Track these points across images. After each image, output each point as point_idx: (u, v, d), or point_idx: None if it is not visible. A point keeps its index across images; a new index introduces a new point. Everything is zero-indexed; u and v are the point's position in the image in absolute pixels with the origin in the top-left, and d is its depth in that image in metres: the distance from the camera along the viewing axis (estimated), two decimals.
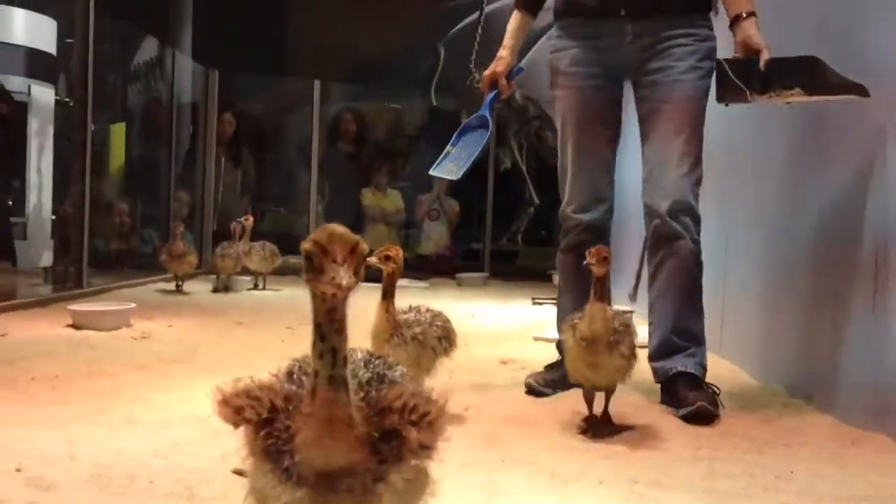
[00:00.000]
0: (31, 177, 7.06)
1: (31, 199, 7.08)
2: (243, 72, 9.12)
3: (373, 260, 2.49)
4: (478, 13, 9.76)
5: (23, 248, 6.86)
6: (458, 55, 9.80)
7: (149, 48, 8.30)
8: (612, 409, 2.64)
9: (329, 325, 1.08)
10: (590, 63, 3.09)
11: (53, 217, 7.14)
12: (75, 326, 4.31)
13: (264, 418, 1.16)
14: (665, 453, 2.39)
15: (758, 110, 3.29)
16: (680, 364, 2.96)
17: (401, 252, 2.55)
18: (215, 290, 6.48)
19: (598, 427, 2.57)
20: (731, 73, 2.84)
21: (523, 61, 11.36)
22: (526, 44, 3.37)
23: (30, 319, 4.60)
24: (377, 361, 1.31)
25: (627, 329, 2.48)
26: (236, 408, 1.18)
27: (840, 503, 2.01)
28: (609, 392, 2.60)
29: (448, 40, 10.90)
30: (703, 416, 2.75)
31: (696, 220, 3.00)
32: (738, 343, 3.81)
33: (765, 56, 2.80)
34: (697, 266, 3.02)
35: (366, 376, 1.23)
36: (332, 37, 11.34)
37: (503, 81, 3.17)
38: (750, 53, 2.85)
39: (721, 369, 3.68)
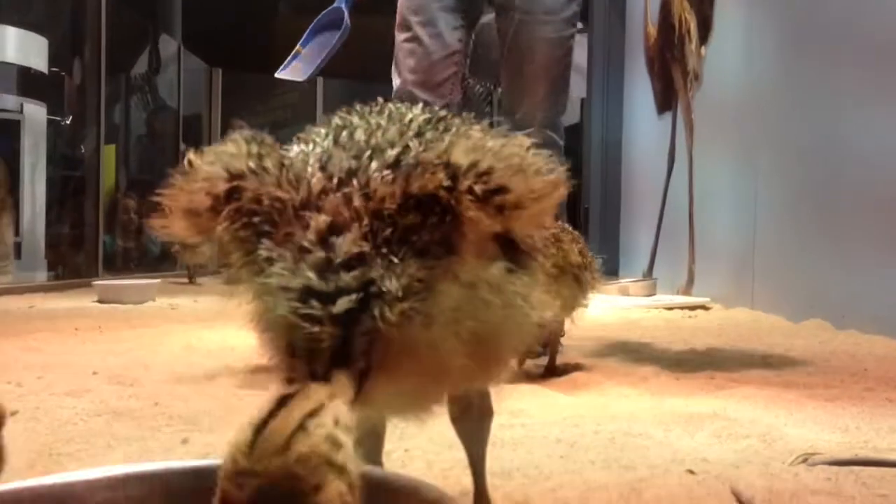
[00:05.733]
0: (25, 196, 6.95)
1: (26, 217, 6.96)
2: (244, 71, 9.13)
3: None
4: None
5: (16, 267, 6.72)
6: None
7: (145, 56, 8.29)
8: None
9: None
10: None
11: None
12: (101, 301, 4.27)
13: (225, 190, 0.75)
14: (734, 358, 2.40)
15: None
16: None
17: None
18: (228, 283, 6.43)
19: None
20: None
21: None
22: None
23: (53, 298, 4.57)
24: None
25: None
26: (184, 198, 0.77)
27: None
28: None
29: None
30: None
31: None
32: (770, 292, 3.81)
33: None
34: None
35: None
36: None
37: None
38: None
39: (758, 319, 3.69)
